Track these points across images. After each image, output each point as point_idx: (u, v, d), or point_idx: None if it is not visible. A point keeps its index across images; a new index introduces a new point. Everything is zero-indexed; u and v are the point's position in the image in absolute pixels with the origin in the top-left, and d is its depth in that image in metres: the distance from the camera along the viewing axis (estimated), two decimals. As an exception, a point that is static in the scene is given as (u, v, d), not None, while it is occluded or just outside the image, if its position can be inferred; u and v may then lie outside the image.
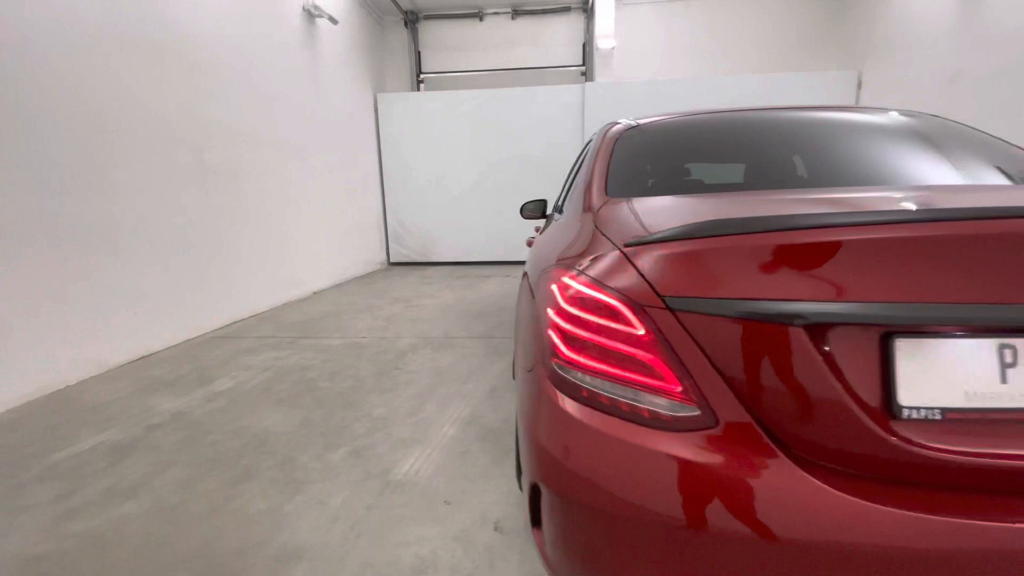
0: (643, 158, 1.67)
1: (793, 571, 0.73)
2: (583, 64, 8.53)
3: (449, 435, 2.32)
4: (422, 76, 8.85)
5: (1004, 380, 0.73)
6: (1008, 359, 0.73)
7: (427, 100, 8.37)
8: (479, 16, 8.50)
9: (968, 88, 5.48)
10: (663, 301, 0.83)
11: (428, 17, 8.61)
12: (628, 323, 0.86)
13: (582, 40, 8.48)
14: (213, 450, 2.23)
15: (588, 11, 8.18)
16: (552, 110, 8.04)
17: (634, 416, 0.85)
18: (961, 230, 0.76)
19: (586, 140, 2.19)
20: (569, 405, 0.91)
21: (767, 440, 0.78)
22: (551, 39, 8.54)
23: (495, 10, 8.44)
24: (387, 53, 8.72)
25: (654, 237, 0.92)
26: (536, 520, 1.02)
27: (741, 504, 0.75)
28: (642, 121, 1.89)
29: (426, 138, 8.38)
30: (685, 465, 0.79)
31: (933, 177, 1.46)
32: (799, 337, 0.75)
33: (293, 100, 5.79)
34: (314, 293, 6.16)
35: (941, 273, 0.74)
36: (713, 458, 0.78)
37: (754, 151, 1.76)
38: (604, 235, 1.09)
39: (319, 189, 6.38)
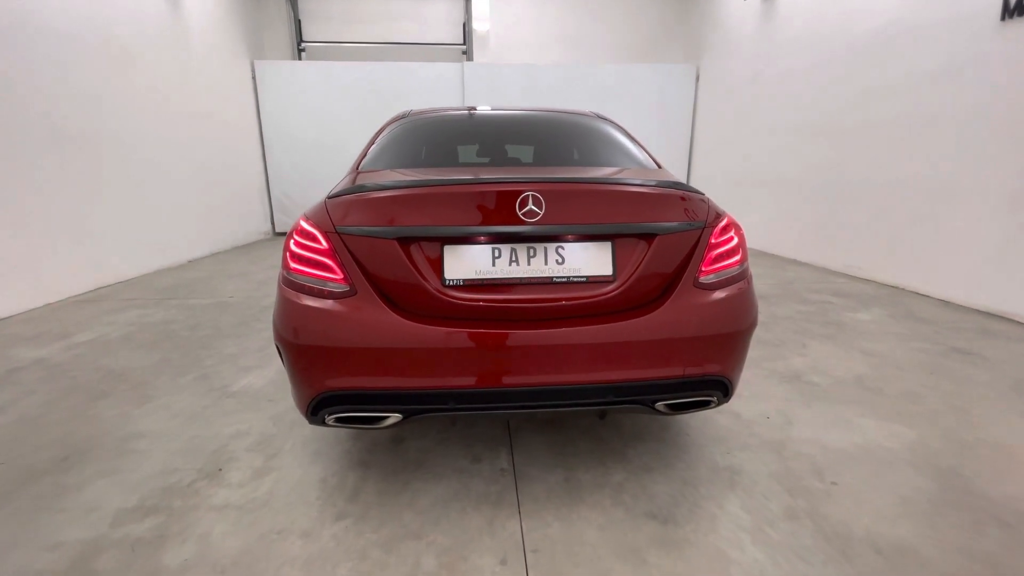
0: (397, 141, 2.28)
1: (390, 360, 1.42)
2: (464, 43, 9.01)
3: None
4: (303, 45, 8.86)
5: (493, 265, 1.47)
6: (496, 255, 1.46)
7: (309, 70, 8.42)
8: (360, -12, 8.64)
9: (762, 86, 6.76)
10: (335, 229, 1.48)
11: (307, -15, 8.60)
12: (318, 241, 1.49)
13: (462, 20, 8.94)
14: (72, 382, 2.63)
15: (466, -8, 8.65)
16: (435, 86, 8.47)
17: (320, 293, 1.49)
18: (480, 189, 1.48)
19: None
20: (290, 293, 1.53)
21: (380, 300, 1.46)
22: (433, 17, 8.92)
23: (376, -16, 8.63)
24: (264, 20, 8.59)
25: (330, 194, 1.56)
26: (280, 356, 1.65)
27: (369, 331, 1.43)
28: (411, 112, 2.53)
29: (310, 108, 8.43)
30: (342, 315, 1.45)
31: (550, 158, 2.28)
32: (394, 246, 1.43)
33: (159, 66, 5.76)
34: (189, 261, 6.26)
35: (469, 213, 1.45)
36: (355, 310, 1.45)
37: (465, 140, 2.46)
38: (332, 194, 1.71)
39: (191, 156, 6.40)
